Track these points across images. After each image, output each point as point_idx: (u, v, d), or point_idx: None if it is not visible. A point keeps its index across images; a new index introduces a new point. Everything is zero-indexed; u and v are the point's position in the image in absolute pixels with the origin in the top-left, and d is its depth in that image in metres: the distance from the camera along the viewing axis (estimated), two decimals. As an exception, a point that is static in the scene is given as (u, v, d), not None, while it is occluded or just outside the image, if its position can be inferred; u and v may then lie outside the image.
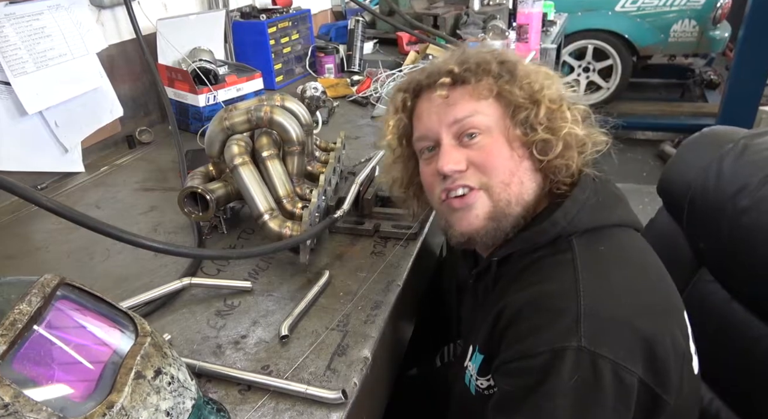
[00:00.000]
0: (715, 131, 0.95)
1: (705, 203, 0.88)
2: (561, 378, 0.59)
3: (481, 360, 0.74)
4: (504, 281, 0.75)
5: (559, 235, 0.70)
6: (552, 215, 0.70)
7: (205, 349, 0.77)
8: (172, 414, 0.54)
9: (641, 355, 0.61)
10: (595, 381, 0.59)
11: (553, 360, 0.60)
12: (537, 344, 0.62)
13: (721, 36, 4.11)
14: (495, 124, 0.74)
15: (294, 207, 0.99)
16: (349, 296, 0.87)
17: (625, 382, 0.60)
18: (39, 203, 0.64)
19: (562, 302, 0.63)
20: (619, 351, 0.60)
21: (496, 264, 0.76)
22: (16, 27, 1.20)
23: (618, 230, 0.73)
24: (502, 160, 0.74)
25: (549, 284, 0.67)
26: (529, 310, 0.65)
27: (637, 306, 0.64)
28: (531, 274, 0.70)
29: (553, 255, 0.69)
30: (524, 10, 1.99)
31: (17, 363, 0.45)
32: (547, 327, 0.62)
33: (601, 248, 0.69)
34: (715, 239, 0.87)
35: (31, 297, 0.49)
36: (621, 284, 0.66)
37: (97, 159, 1.44)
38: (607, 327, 0.61)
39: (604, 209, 0.72)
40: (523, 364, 0.63)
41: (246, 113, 0.99)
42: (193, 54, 1.60)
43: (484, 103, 0.75)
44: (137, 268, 0.97)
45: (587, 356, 0.59)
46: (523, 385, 0.63)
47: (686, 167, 0.93)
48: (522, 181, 0.74)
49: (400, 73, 1.76)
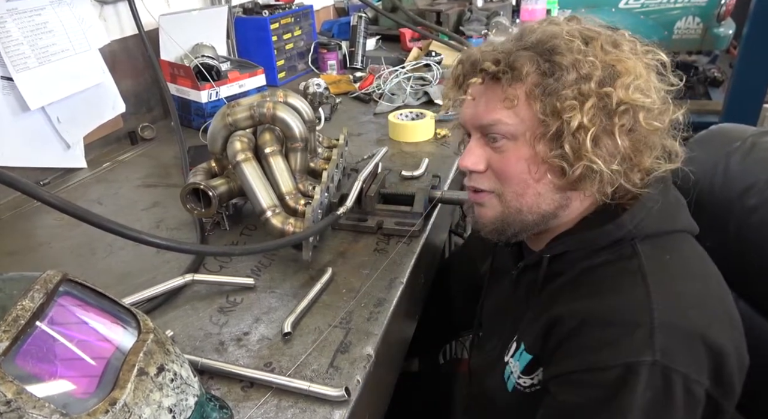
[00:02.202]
0: (723, 129, 0.93)
1: (712, 201, 0.86)
2: (635, 394, 0.58)
3: (529, 360, 0.72)
4: (559, 283, 0.72)
5: (622, 238, 0.67)
6: (619, 218, 0.68)
7: (208, 346, 0.77)
8: (175, 411, 0.54)
9: (710, 367, 0.60)
10: (667, 395, 0.58)
11: (628, 375, 0.59)
12: (610, 357, 0.61)
13: (725, 33, 4.09)
14: (521, 131, 0.70)
15: (297, 204, 0.99)
16: (351, 294, 0.86)
17: (695, 395, 0.59)
18: (41, 199, 0.64)
19: (634, 315, 0.61)
20: (691, 364, 0.59)
21: (547, 261, 0.73)
22: (18, 22, 1.19)
23: (679, 237, 0.70)
24: (519, 171, 0.71)
25: (619, 295, 0.64)
26: (597, 321, 0.63)
27: (707, 318, 0.62)
28: (594, 281, 0.68)
29: (617, 262, 0.67)
30: (528, 6, 1.98)
31: (20, 360, 0.45)
32: (620, 340, 0.61)
33: (667, 257, 0.66)
34: (722, 237, 0.85)
35: (34, 293, 0.49)
36: (690, 295, 0.64)
37: (99, 155, 1.44)
38: (682, 339, 0.60)
39: (669, 214, 0.70)
40: (595, 377, 0.61)
41: (249, 110, 0.99)
42: (195, 50, 1.60)
43: (512, 109, 0.70)
44: (140, 264, 0.97)
45: (660, 370, 0.58)
46: (594, 398, 0.61)
47: (693, 164, 0.93)
48: (539, 192, 0.71)
49: (402, 69, 1.75)
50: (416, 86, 1.69)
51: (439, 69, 1.74)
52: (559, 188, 0.70)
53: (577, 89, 0.66)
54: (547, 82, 0.67)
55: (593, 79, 0.66)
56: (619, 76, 0.66)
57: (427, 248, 1.02)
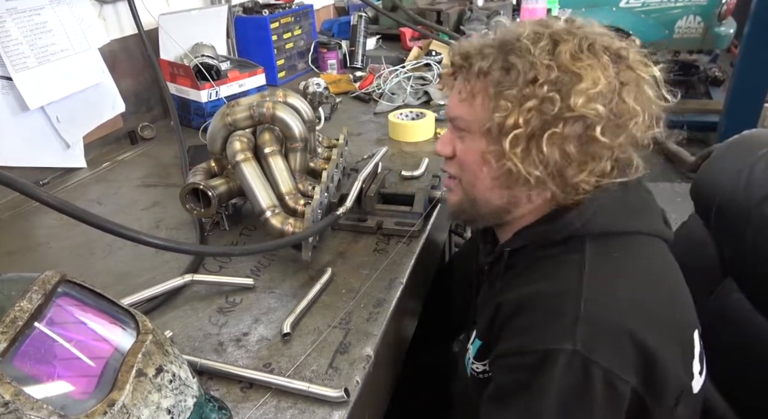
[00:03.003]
0: (753, 135, 0.91)
1: (732, 208, 0.84)
2: (551, 379, 0.59)
3: (479, 346, 0.75)
4: (512, 273, 0.75)
5: (573, 235, 0.69)
6: (567, 215, 0.69)
7: (207, 346, 0.77)
8: (174, 412, 0.53)
9: (637, 366, 0.60)
10: (585, 385, 0.59)
11: (546, 360, 0.60)
12: (532, 342, 0.62)
13: (726, 32, 4.08)
14: (475, 126, 0.72)
15: (296, 204, 0.98)
16: (351, 294, 0.86)
17: (617, 390, 0.59)
18: (39, 199, 0.64)
19: (562, 302, 0.62)
20: (613, 359, 0.59)
21: (507, 254, 0.75)
22: (17, 22, 1.19)
23: (639, 238, 0.70)
24: (471, 162, 0.74)
25: (552, 282, 0.66)
26: (529, 306, 0.65)
27: (641, 318, 0.62)
28: (537, 270, 0.70)
29: (562, 254, 0.68)
30: (528, 5, 1.97)
31: (18, 361, 0.45)
32: (544, 326, 0.62)
33: (615, 254, 0.67)
34: (739, 247, 0.84)
35: (32, 294, 0.49)
36: (627, 293, 0.64)
37: (98, 155, 1.44)
38: (606, 333, 0.60)
39: (625, 214, 0.70)
40: (518, 360, 0.64)
41: (248, 109, 0.99)
42: (195, 49, 1.59)
43: (469, 103, 0.72)
44: (139, 264, 0.97)
45: (579, 360, 0.59)
46: (516, 380, 0.63)
47: (719, 170, 0.90)
48: (488, 186, 0.73)
49: (402, 69, 1.74)
50: (416, 86, 1.69)
51: (440, 68, 1.73)
52: (502, 184, 0.72)
53: (524, 91, 0.66)
54: (501, 80, 0.68)
55: (541, 82, 0.65)
56: (578, 83, 0.64)
57: (427, 248, 1.02)
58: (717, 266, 0.89)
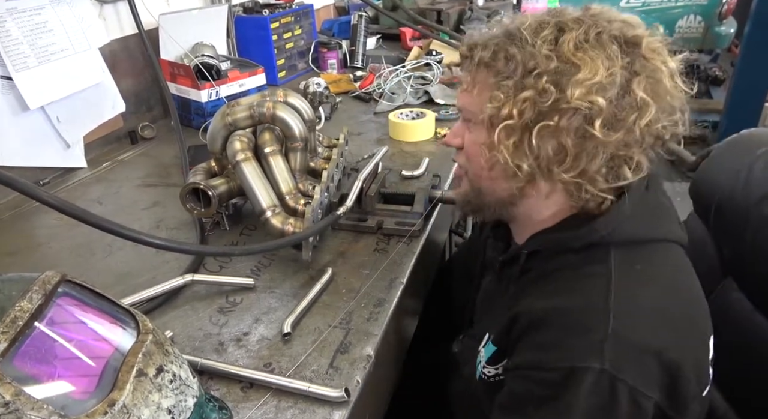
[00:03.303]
0: (751, 134, 0.90)
1: (731, 208, 0.84)
2: (577, 397, 0.58)
3: (493, 351, 0.73)
4: (530, 277, 0.73)
5: (596, 242, 0.66)
6: (593, 222, 0.66)
7: (207, 346, 0.77)
8: (174, 412, 0.53)
9: (662, 382, 0.59)
10: (612, 403, 0.58)
11: (573, 378, 0.59)
12: (557, 358, 0.61)
13: (727, 32, 4.09)
14: (478, 117, 0.71)
15: (297, 204, 0.98)
16: (351, 294, 0.86)
17: (641, 407, 0.58)
18: (39, 199, 0.64)
19: (590, 319, 0.61)
20: (638, 377, 0.58)
21: (525, 256, 0.74)
22: (17, 22, 1.19)
23: (660, 246, 0.68)
24: (475, 153, 0.73)
25: (579, 297, 0.64)
26: (554, 320, 0.63)
27: (666, 332, 0.61)
28: (561, 280, 0.68)
29: (587, 264, 0.66)
30: (529, 5, 1.98)
31: (18, 361, 0.45)
32: (571, 342, 0.61)
33: (638, 267, 0.65)
34: (738, 246, 0.83)
35: (32, 294, 0.49)
36: (653, 307, 0.63)
37: (99, 155, 1.44)
38: (633, 351, 0.59)
39: (649, 221, 0.68)
40: (540, 375, 0.62)
41: (248, 109, 0.99)
42: (195, 49, 1.59)
43: (471, 94, 0.72)
44: (139, 264, 0.97)
45: (607, 378, 0.58)
46: (539, 395, 0.62)
47: (718, 169, 0.89)
48: (492, 177, 0.72)
49: (403, 69, 1.74)
50: (417, 85, 1.69)
51: (440, 68, 1.73)
52: (498, 176, 0.71)
53: (521, 81, 0.64)
54: (501, 71, 0.67)
55: (539, 72, 0.63)
56: (576, 73, 0.62)
57: (428, 248, 1.02)
58: (717, 266, 0.89)
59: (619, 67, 0.63)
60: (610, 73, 0.62)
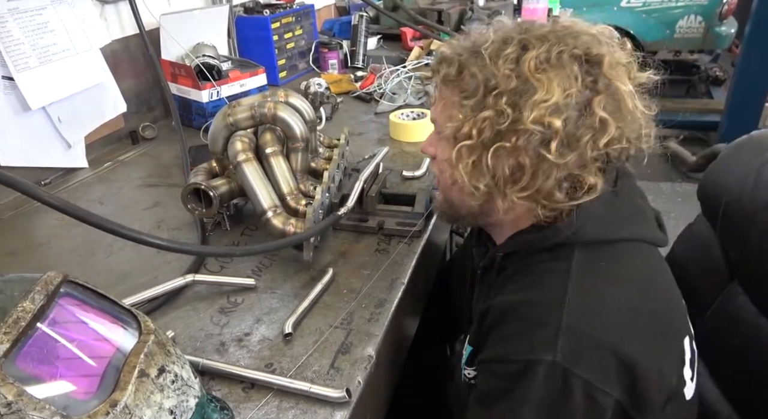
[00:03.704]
0: (762, 136, 0.89)
1: (738, 211, 0.83)
2: (530, 390, 0.59)
3: (470, 352, 0.75)
4: (505, 275, 0.74)
5: (563, 243, 0.67)
6: (556, 223, 0.68)
7: (209, 346, 0.77)
8: (176, 412, 0.54)
9: (620, 378, 0.59)
10: (565, 397, 0.58)
11: (527, 370, 0.60)
12: (514, 351, 0.62)
13: (727, 32, 4.08)
14: (445, 132, 0.71)
15: (298, 204, 0.99)
16: (352, 294, 0.86)
17: (597, 402, 0.58)
18: (41, 199, 0.64)
19: (546, 312, 0.62)
20: (594, 372, 0.58)
21: (500, 259, 0.75)
22: (19, 22, 1.19)
23: (629, 246, 0.69)
24: (443, 169, 0.74)
25: (537, 291, 0.65)
26: (513, 314, 0.65)
27: (625, 329, 0.62)
28: (526, 276, 0.69)
29: (550, 262, 0.68)
30: (529, 5, 1.98)
31: (20, 361, 0.45)
32: (526, 335, 0.62)
33: (602, 263, 0.66)
34: (745, 249, 0.83)
35: (35, 295, 0.49)
36: (613, 303, 0.63)
37: (100, 155, 1.44)
38: (587, 345, 0.60)
39: (616, 222, 0.69)
40: (501, 368, 0.64)
41: (250, 110, 0.99)
42: (196, 49, 1.59)
43: (438, 108, 0.73)
44: (140, 264, 0.97)
45: (560, 371, 0.58)
46: (498, 387, 0.63)
47: (726, 171, 0.88)
48: (461, 188, 0.72)
49: (403, 69, 1.74)
50: (417, 86, 1.69)
51: (441, 68, 1.73)
52: (460, 191, 0.72)
53: (481, 101, 0.65)
54: (463, 89, 0.68)
55: (499, 92, 0.64)
56: (533, 94, 0.62)
57: (429, 248, 1.02)
58: (723, 269, 0.89)
59: (579, 87, 0.63)
60: (567, 95, 0.62)
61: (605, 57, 0.64)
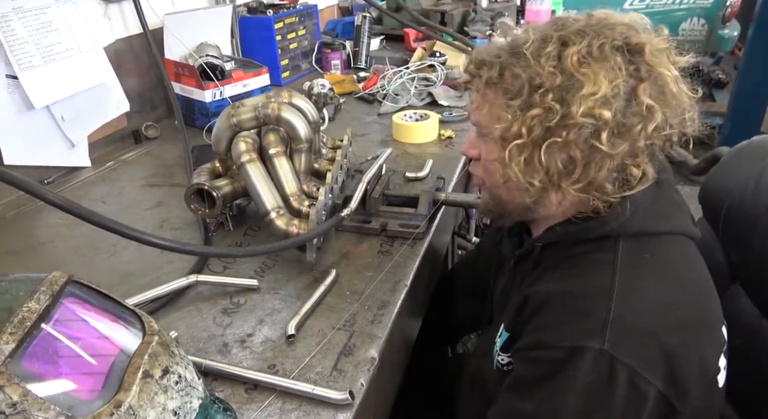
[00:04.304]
0: (763, 140, 0.90)
1: (740, 216, 0.85)
2: (576, 376, 0.60)
3: (506, 337, 0.76)
4: (543, 268, 0.75)
5: (608, 235, 0.69)
6: (604, 215, 0.69)
7: (212, 347, 0.77)
8: (180, 413, 0.54)
9: (662, 368, 0.60)
10: (609, 385, 0.59)
11: (573, 357, 0.61)
12: (559, 337, 0.63)
13: (730, 35, 4.08)
14: (491, 133, 0.72)
15: (301, 205, 0.98)
16: (355, 296, 0.86)
17: (640, 390, 0.59)
18: (44, 198, 0.64)
19: (593, 302, 0.63)
20: (638, 360, 0.60)
21: (539, 249, 0.76)
22: (23, 21, 1.19)
23: (669, 239, 0.70)
24: (492, 169, 0.74)
25: (584, 280, 0.67)
26: (558, 302, 0.66)
27: (668, 320, 0.63)
28: (569, 267, 0.70)
29: (595, 253, 0.69)
30: (532, 7, 1.98)
31: (26, 361, 0.45)
32: (572, 323, 0.63)
33: (646, 255, 0.67)
34: (747, 253, 0.84)
35: (40, 295, 0.49)
36: (657, 294, 0.65)
37: (103, 154, 1.44)
38: (633, 335, 0.61)
39: (659, 215, 0.70)
40: (542, 354, 0.64)
41: (253, 110, 0.99)
42: (199, 49, 1.60)
43: (482, 111, 0.74)
44: (143, 264, 0.97)
45: (606, 359, 0.59)
46: (539, 374, 0.64)
47: (728, 175, 0.90)
48: (511, 187, 0.73)
49: (406, 70, 1.74)
50: (420, 87, 1.69)
51: (443, 70, 1.73)
52: (514, 189, 0.73)
53: (528, 99, 0.66)
54: (508, 89, 0.69)
55: (545, 90, 0.64)
56: (580, 89, 0.63)
57: (431, 250, 1.02)
58: (725, 272, 0.89)
59: (624, 77, 0.64)
60: (614, 86, 0.63)
61: (646, 45, 0.65)
